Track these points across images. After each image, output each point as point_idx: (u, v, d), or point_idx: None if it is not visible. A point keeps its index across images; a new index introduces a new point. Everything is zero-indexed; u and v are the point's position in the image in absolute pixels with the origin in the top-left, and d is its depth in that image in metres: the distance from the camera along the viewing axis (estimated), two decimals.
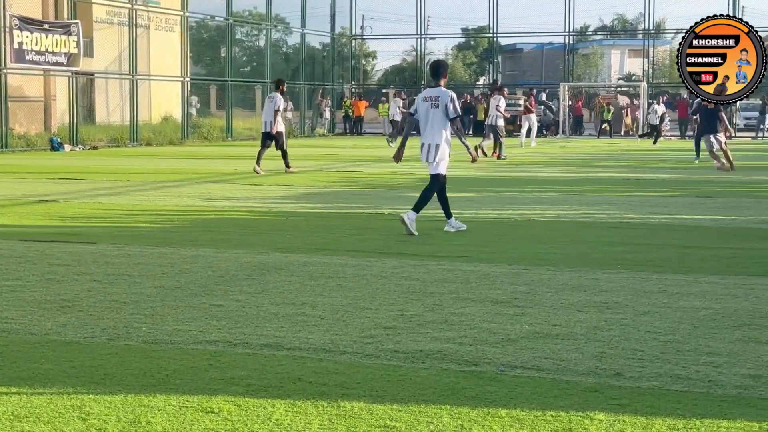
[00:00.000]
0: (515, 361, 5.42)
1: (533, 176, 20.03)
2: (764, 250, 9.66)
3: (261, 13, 44.03)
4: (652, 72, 48.26)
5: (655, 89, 46.38)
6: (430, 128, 11.04)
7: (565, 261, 8.98)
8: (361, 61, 56.23)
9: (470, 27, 55.11)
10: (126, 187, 17.08)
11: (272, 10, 42.71)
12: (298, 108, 44.86)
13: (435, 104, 10.99)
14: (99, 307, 6.79)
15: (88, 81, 36.59)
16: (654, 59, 49.21)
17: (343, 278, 8.01)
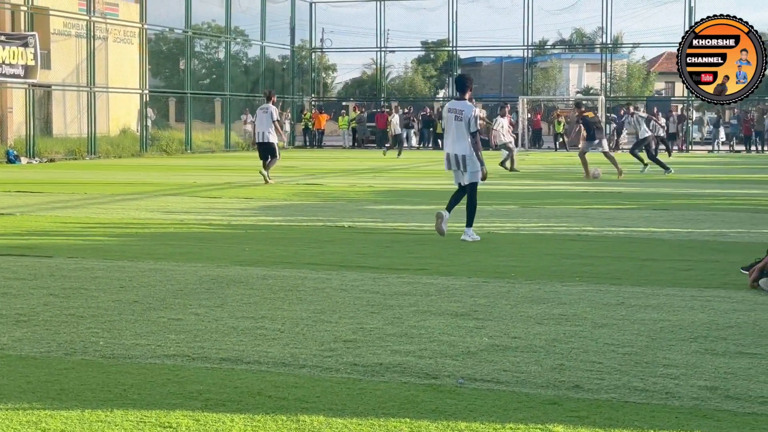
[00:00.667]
0: (475, 374, 5.44)
1: (492, 189, 20.09)
2: (720, 263, 9.77)
3: (220, 25, 43.92)
4: (610, 86, 48.71)
5: (612, 102, 46.81)
6: (455, 139, 11.52)
7: (524, 273, 9.02)
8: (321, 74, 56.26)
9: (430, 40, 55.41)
10: (83, 200, 16.92)
11: (231, 23, 42.63)
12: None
13: (459, 117, 11.45)
14: (55, 322, 6.72)
15: (45, 93, 36.26)
16: (611, 73, 49.66)
17: (303, 291, 7.99)
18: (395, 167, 28.72)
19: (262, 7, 44.46)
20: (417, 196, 17.95)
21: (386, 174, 25.37)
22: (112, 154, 34.04)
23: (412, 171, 26.85)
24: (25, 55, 30.14)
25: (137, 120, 37.61)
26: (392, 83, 61.00)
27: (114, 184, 20.89)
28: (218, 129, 43.50)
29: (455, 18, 46.27)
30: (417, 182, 22.03)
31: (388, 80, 58.40)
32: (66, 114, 37.53)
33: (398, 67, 65.85)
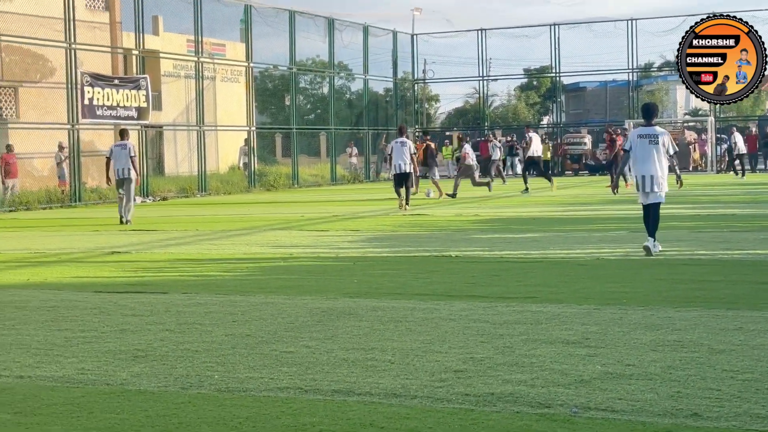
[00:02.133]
0: (589, 403, 5.35)
1: (600, 214, 19.84)
2: None
3: (324, 61, 44.52)
4: (719, 106, 47.65)
5: (722, 123, 45.78)
6: (650, 162, 12.23)
7: (636, 299, 8.86)
8: (424, 104, 56.47)
9: (532, 67, 55.01)
10: (196, 236, 17.29)
11: (335, 58, 43.17)
12: (362, 153, 45.13)
13: (654, 141, 12.20)
14: (172, 356, 6.86)
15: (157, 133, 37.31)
16: None
17: (412, 322, 7.99)
18: (500, 195, 28.58)
19: (365, 41, 44.94)
20: (523, 224, 17.82)
21: (491, 202, 25.27)
22: (221, 191, 34.72)
23: (518, 199, 26.67)
24: (138, 97, 31.06)
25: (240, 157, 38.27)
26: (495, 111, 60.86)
27: (224, 220, 21.29)
28: (324, 163, 44.00)
29: (557, 44, 45.98)
30: (522, 210, 21.87)
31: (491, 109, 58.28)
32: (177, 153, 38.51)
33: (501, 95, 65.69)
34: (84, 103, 28.94)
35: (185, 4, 34.41)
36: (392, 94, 49.29)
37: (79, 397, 5.80)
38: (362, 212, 22.27)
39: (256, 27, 38.05)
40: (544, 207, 22.69)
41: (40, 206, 27.62)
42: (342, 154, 44.64)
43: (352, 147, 43.12)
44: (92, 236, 17.75)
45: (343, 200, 28.36)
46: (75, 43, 29.17)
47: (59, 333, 7.88)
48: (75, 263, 13.31)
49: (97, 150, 33.83)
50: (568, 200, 25.12)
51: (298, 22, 39.88)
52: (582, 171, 45.39)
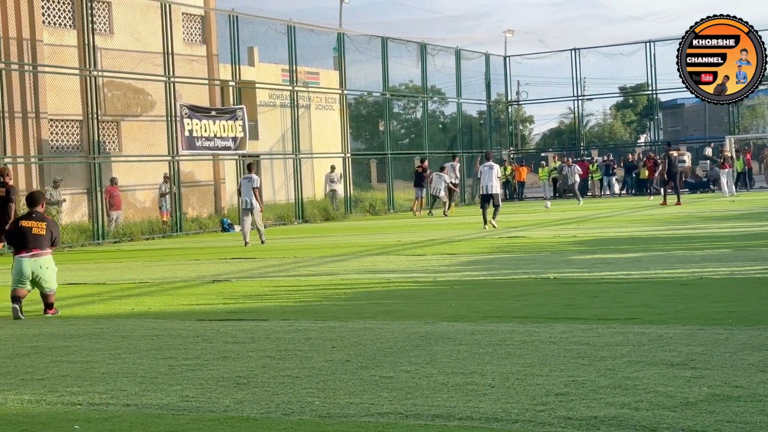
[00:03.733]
0: (695, 426, 5.22)
1: (701, 233, 19.43)
2: None
3: (417, 86, 44.69)
4: None
5: None
6: None
7: (742, 319, 8.64)
8: (518, 126, 56.21)
9: (628, 85, 54.35)
10: (294, 263, 17.47)
11: (428, 83, 43.31)
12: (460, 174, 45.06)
13: None
14: (273, 383, 6.93)
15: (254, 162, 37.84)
16: None
17: (511, 345, 7.93)
18: (598, 216, 28.22)
19: (457, 64, 45.01)
20: (622, 244, 17.55)
21: (589, 223, 24.96)
22: (318, 218, 35.04)
23: (615, 219, 26.30)
24: (235, 127, 31.61)
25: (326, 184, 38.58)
26: (591, 131, 60.23)
27: (321, 246, 21.47)
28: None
29: (653, 61, 45.34)
30: (621, 230, 21.55)
31: (587, 128, 57.69)
32: (274, 181, 39.02)
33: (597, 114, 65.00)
34: (184, 134, 29.56)
35: (279, 34, 34.97)
36: (486, 117, 49.20)
37: (184, 424, 5.90)
38: (458, 236, 22.22)
39: (349, 54, 38.45)
40: (644, 226, 22.32)
41: (143, 237, 28.25)
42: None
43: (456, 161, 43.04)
44: (193, 265, 18.07)
45: (439, 224, 28.34)
46: (174, 77, 29.87)
47: (163, 361, 8.03)
48: (177, 292, 13.57)
49: (197, 181, 34.56)
50: (668, 218, 24.66)
51: (391, 48, 40.15)
52: (682, 189, 44.53)
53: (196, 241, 26.85)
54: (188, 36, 35.63)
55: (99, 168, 27.72)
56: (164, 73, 29.62)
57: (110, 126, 32.41)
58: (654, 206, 31.68)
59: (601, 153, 49.08)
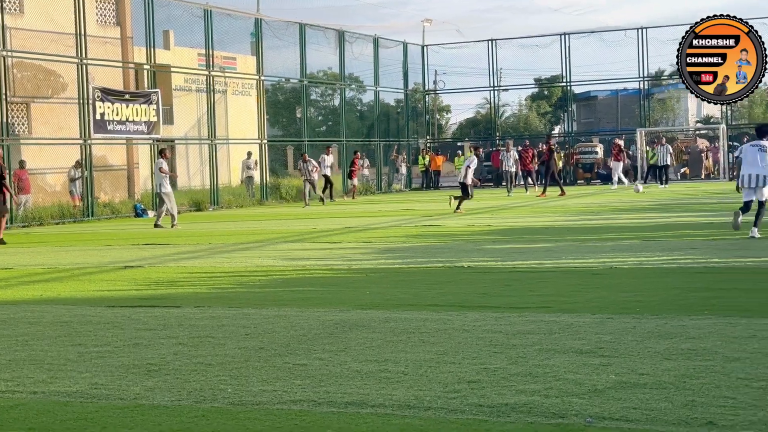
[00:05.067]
0: (603, 413, 5.33)
1: (612, 224, 19.81)
2: None
3: (335, 73, 44.64)
4: (731, 113, 47.57)
5: (734, 131, 45.67)
6: (756, 166, 14.93)
7: (649, 308, 8.84)
8: (435, 115, 56.52)
9: (543, 77, 55.04)
10: (208, 250, 17.33)
11: (345, 70, 43.26)
12: (374, 164, 45.17)
13: (763, 150, 14.86)
14: (185, 370, 6.87)
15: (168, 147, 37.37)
16: None
17: (425, 333, 7.99)
18: (512, 206, 28.56)
19: (375, 52, 45.03)
20: (535, 234, 17.80)
21: (503, 213, 25.25)
22: (234, 204, 34.79)
23: (529, 209, 26.65)
24: (149, 111, 31.17)
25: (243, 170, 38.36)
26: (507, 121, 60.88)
27: (237, 233, 21.33)
28: (336, 174, 44.04)
29: (568, 54, 45.98)
30: (535, 219, 21.85)
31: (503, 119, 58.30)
32: (189, 167, 38.61)
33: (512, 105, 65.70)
34: (95, 118, 29.06)
35: (196, 18, 34.54)
36: (403, 106, 49.37)
37: (92, 412, 5.81)
38: (374, 224, 22.28)
39: (267, 40, 38.17)
40: (556, 216, 22.67)
41: (53, 221, 27.71)
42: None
43: (363, 158, 43.12)
44: (105, 251, 17.80)
45: (355, 212, 28.38)
46: (86, 59, 29.31)
47: (72, 348, 7.90)
48: (88, 278, 13.35)
49: (109, 165, 33.99)
50: (580, 209, 25.09)
51: (309, 34, 39.99)
52: (594, 180, 45.32)
53: (109, 226, 26.43)
54: (102, 17, 34.99)
55: (8, 150, 27.08)
56: (76, 55, 29.03)
57: (20, 108, 31.69)
58: (569, 197, 32.17)
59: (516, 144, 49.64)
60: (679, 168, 45.47)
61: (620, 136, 46.77)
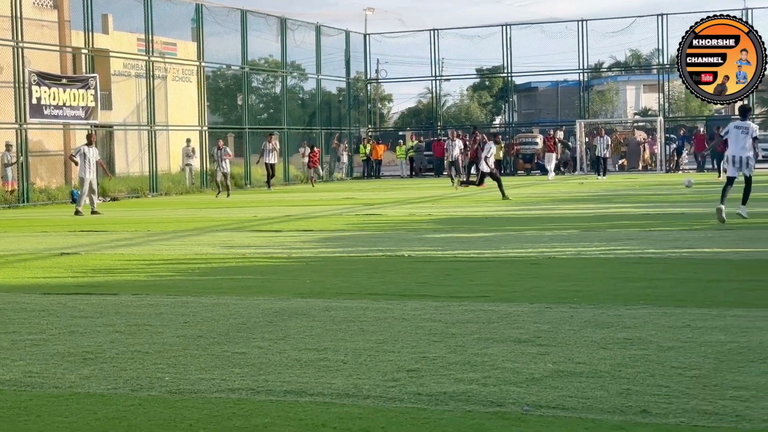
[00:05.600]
0: (540, 401, 5.39)
1: (552, 214, 20.00)
2: None
3: (276, 60, 44.39)
4: (668, 106, 48.24)
5: (671, 123, 46.33)
6: (741, 147, 15.99)
7: (587, 298, 8.94)
8: (377, 104, 56.51)
9: (485, 67, 55.29)
10: (146, 237, 17.16)
11: (287, 58, 43.06)
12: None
13: (745, 132, 15.66)
14: (122, 359, 6.80)
15: (107, 133, 36.93)
16: (669, 93, 49.19)
17: (365, 322, 8.00)
18: (453, 195, 28.68)
19: (317, 41, 44.88)
20: (476, 223, 17.91)
21: (444, 202, 25.36)
22: (173, 191, 34.48)
23: (470, 198, 26.79)
24: (86, 96, 30.74)
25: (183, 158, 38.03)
26: (448, 111, 61.08)
27: (176, 220, 21.15)
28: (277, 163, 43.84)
29: (509, 44, 46.27)
30: (475, 209, 21.98)
31: (444, 108, 58.48)
32: (128, 153, 38.15)
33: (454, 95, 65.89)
34: (31, 102, 28.59)
35: (135, 2, 34.14)
36: (345, 94, 49.29)
37: (26, 400, 5.73)
38: (315, 212, 22.25)
39: (208, 26, 37.87)
40: (496, 206, 22.82)
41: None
42: (295, 154, 44.54)
43: (305, 147, 42.97)
44: (41, 237, 17.54)
45: (297, 200, 28.30)
46: (22, 42, 28.82)
47: (6, 336, 7.78)
48: (23, 265, 13.14)
49: (45, 150, 33.45)
50: (520, 200, 25.28)
51: (250, 21, 39.74)
52: (534, 170, 45.70)
53: (45, 212, 26.04)
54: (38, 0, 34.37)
55: None
56: (12, 38, 28.53)
57: None
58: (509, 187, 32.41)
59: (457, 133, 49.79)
60: (617, 159, 46.01)
61: (560, 128, 47.27)
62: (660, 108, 47.29)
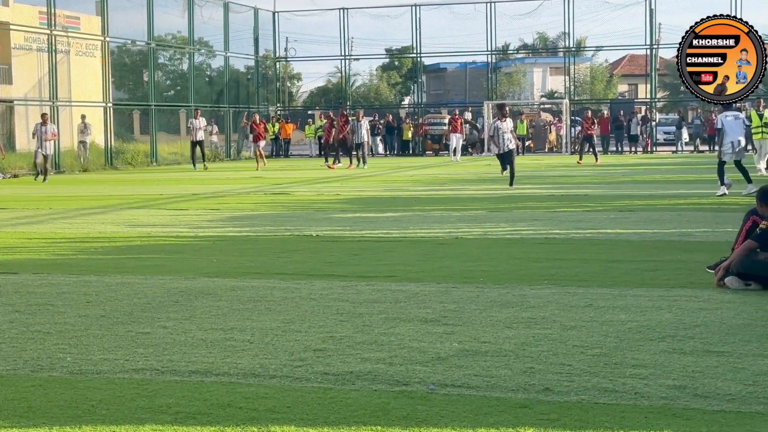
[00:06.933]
0: (445, 380, 5.44)
1: (459, 194, 20.17)
2: (686, 262, 9.84)
3: (184, 36, 43.71)
4: (574, 89, 48.99)
5: (577, 105, 47.08)
6: (739, 133, 18.06)
7: (492, 278, 9.05)
8: (286, 83, 56.14)
9: (394, 47, 55.36)
10: (48, 215, 16.79)
11: (195, 34, 42.47)
12: (223, 131, 44.58)
13: (738, 117, 18.24)
14: (21, 339, 6.66)
15: (6, 108, 35.93)
16: (575, 76, 49.95)
17: (272, 301, 7.97)
18: (361, 175, 28.71)
19: (225, 17, 44.34)
20: (383, 204, 17.96)
21: (352, 182, 25.36)
22: (76, 168, 33.79)
23: (379, 178, 26.86)
24: None
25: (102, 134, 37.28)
26: (357, 91, 61.00)
27: (79, 198, 20.73)
28: (184, 141, 43.22)
29: (419, 25, 46.39)
30: (383, 190, 22.05)
31: (354, 88, 58.40)
32: (29, 129, 37.18)
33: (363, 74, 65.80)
34: None
35: None
36: (253, 72, 48.84)
37: None
38: (223, 191, 22.04)
39: (113, 0, 37.09)
40: (404, 186, 22.92)
41: None
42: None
43: (212, 125, 42.47)
44: None
45: (203, 179, 28.00)
46: None
47: None
48: None
49: None
50: (427, 180, 25.43)
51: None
52: (442, 151, 45.98)
53: None
54: None
55: None
56: None
57: None
58: (417, 167, 32.58)
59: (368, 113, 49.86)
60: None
61: (467, 109, 47.63)
62: (566, 90, 48.00)
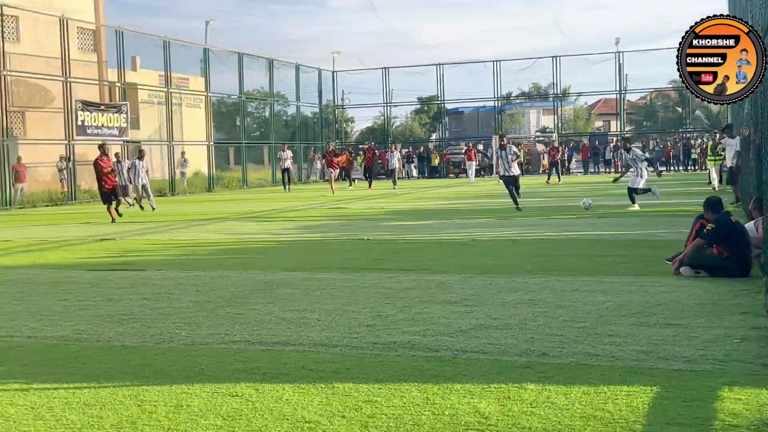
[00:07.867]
0: (466, 347, 5.41)
1: (475, 207, 20.06)
2: (650, 256, 9.71)
3: (266, 91, 44.02)
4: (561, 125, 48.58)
5: (564, 138, 46.65)
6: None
7: (502, 270, 8.98)
8: (342, 124, 56.24)
9: (423, 96, 55.26)
10: (167, 226, 16.95)
11: (274, 89, 42.77)
12: (296, 161, 44.75)
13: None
14: (148, 319, 6.73)
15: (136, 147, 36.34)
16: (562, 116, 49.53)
17: (334, 289, 7.97)
18: (401, 193, 28.67)
19: (297, 76, 44.64)
20: (418, 214, 17.91)
21: (395, 198, 25.34)
22: (188, 191, 34.10)
23: (414, 195, 26.81)
24: (119, 119, 30.31)
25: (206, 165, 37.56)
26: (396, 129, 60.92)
27: (189, 214, 20.91)
28: (266, 169, 43.53)
29: (442, 79, 46.32)
30: (417, 204, 21.99)
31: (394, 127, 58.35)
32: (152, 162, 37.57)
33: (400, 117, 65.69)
34: (78, 124, 28.16)
35: (157, 47, 33.75)
36: (318, 117, 49.04)
37: (75, 351, 5.65)
38: (297, 207, 22.12)
39: (213, 65, 37.52)
40: (434, 202, 22.85)
41: (44, 204, 26.77)
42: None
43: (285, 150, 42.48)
44: (85, 227, 17.26)
45: (282, 198, 28.11)
46: (70, 77, 28.36)
47: (59, 302, 7.66)
48: (72, 248, 12.93)
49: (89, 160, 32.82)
50: (450, 196, 25.33)
51: (245, 61, 39.46)
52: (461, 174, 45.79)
53: (88, 208, 25.62)
54: (82, 45, 33.85)
55: (7, 149, 26.08)
56: (62, 74, 28.06)
57: (17, 116, 30.47)
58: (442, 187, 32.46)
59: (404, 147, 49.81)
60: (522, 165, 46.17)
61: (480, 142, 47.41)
62: (555, 126, 47.59)
